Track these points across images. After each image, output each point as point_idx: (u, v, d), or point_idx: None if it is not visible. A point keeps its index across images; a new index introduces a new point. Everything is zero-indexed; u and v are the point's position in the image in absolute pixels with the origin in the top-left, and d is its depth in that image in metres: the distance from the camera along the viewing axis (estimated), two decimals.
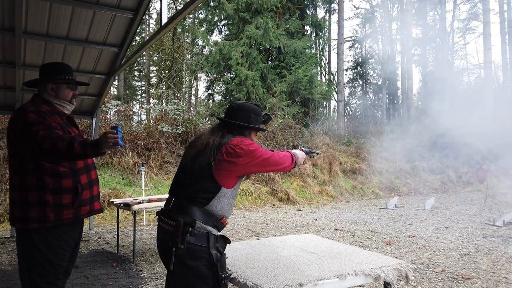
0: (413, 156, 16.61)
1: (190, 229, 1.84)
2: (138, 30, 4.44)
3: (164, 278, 4.04)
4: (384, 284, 2.19)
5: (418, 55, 29.16)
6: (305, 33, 18.45)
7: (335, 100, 23.40)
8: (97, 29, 4.56)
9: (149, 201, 4.87)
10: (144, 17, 4.68)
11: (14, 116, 2.21)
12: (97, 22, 4.44)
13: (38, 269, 2.14)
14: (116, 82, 19.74)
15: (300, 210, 9.67)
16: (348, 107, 27.99)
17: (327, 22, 22.39)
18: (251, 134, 2.14)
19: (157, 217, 2.06)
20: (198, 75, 20.13)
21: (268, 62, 16.86)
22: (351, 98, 29.59)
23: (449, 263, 4.69)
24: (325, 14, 25.57)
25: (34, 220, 2.11)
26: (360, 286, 3.75)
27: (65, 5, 3.97)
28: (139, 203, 4.68)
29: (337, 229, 6.98)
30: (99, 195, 2.47)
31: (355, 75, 30.24)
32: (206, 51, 19.04)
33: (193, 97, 22.14)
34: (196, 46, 20.78)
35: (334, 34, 24.30)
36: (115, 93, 18.78)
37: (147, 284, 3.87)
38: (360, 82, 29.88)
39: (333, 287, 1.99)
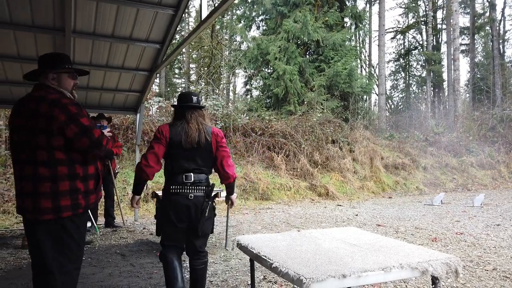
0: (461, 151, 15.82)
1: (210, 190, 2.82)
2: (178, 28, 4.55)
3: None
4: (431, 279, 2.11)
5: (466, 44, 27.69)
6: (345, 25, 18.04)
7: (376, 93, 22.80)
8: (140, 26, 4.72)
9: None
10: (183, 14, 4.77)
11: (45, 107, 2.11)
12: (141, 20, 4.59)
13: (69, 255, 2.19)
14: (157, 80, 20.32)
15: (340, 205, 9.51)
16: (390, 101, 27.15)
17: (367, 13, 21.76)
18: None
19: (175, 191, 2.73)
20: (236, 71, 20.29)
21: (306, 56, 16.66)
22: (393, 91, 28.70)
23: (500, 261, 4.43)
24: (366, 5, 24.90)
25: (67, 209, 2.15)
26: (403, 281, 3.64)
27: (110, 4, 4.14)
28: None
29: (379, 225, 6.80)
30: None
31: (397, 67, 29.26)
32: (244, 46, 19.14)
33: (231, 93, 22.37)
34: (234, 42, 20.94)
35: (375, 26, 23.64)
36: (157, 90, 19.35)
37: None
38: (403, 75, 28.86)
39: (378, 279, 1.94)
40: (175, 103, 2.98)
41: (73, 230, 2.20)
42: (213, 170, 2.95)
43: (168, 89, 22.71)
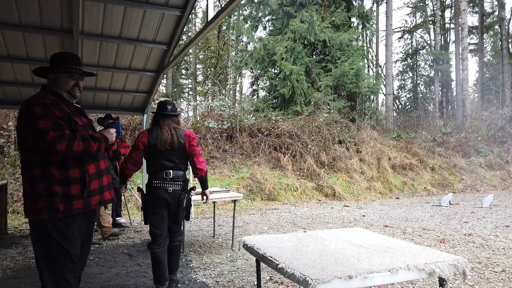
0: (469, 151, 15.66)
1: (187, 184, 3.44)
2: (184, 29, 4.53)
3: (212, 269, 4.15)
4: (439, 281, 2.09)
5: (475, 44, 27.41)
6: (352, 25, 17.96)
7: (383, 93, 22.66)
8: (147, 27, 4.74)
9: (197, 194, 4.97)
10: (190, 15, 4.78)
11: (20, 109, 2.18)
12: (147, 21, 4.61)
13: (55, 257, 2.15)
14: (164, 81, 20.40)
15: (347, 206, 9.47)
16: (397, 101, 26.97)
17: (374, 13, 21.68)
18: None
19: (157, 186, 3.29)
20: (243, 71, 20.30)
21: (313, 56, 16.62)
22: (400, 91, 28.49)
23: (510, 263, 4.38)
24: (373, 4, 24.80)
25: (44, 211, 2.11)
26: (411, 282, 3.62)
27: (118, 5, 4.16)
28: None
29: (386, 226, 6.76)
30: (110, 185, 2.47)
31: (404, 67, 29.06)
32: (250, 47, 19.15)
33: (237, 93, 22.39)
34: (241, 43, 20.95)
35: (382, 25, 23.50)
36: (164, 91, 19.43)
37: (196, 274, 3.98)
38: (410, 74, 28.65)
39: (384, 280, 1.92)
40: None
41: (53, 231, 2.14)
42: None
43: (175, 89, 22.79)
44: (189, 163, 3.48)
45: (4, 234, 5.77)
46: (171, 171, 3.29)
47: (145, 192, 3.43)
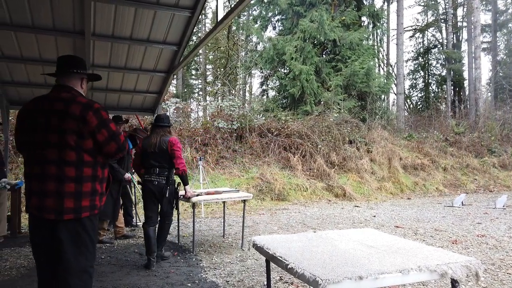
0: (482, 151, 15.42)
1: (170, 179, 4.26)
2: (194, 30, 4.58)
3: (222, 268, 4.16)
4: (451, 282, 2.06)
5: (488, 42, 26.98)
6: (362, 24, 17.82)
7: (394, 93, 22.45)
8: (157, 28, 4.78)
9: (207, 193, 5.01)
10: (200, 16, 4.80)
11: (79, 109, 2.14)
12: (158, 22, 4.65)
13: (87, 255, 2.22)
14: (174, 81, 20.51)
15: (357, 206, 9.40)
16: (408, 100, 26.70)
17: (385, 12, 21.47)
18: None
19: (147, 179, 4.21)
20: (252, 71, 20.30)
21: (322, 56, 16.53)
22: (412, 91, 28.17)
23: None
24: (383, 3, 24.55)
25: (86, 209, 2.20)
26: (422, 283, 3.57)
27: (128, 6, 4.20)
28: (197, 195, 4.82)
29: (397, 226, 6.70)
30: None
31: (416, 66, 28.71)
32: (260, 47, 19.13)
33: (247, 93, 22.41)
34: (250, 43, 20.95)
35: (393, 24, 23.27)
36: (174, 91, 19.54)
37: (206, 273, 3.99)
38: (422, 74, 28.29)
39: (395, 281, 1.91)
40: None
41: (90, 230, 2.24)
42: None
43: (185, 90, 22.89)
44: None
45: (18, 233, 5.86)
46: (157, 168, 4.19)
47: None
